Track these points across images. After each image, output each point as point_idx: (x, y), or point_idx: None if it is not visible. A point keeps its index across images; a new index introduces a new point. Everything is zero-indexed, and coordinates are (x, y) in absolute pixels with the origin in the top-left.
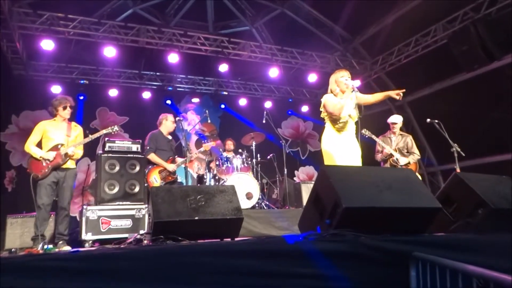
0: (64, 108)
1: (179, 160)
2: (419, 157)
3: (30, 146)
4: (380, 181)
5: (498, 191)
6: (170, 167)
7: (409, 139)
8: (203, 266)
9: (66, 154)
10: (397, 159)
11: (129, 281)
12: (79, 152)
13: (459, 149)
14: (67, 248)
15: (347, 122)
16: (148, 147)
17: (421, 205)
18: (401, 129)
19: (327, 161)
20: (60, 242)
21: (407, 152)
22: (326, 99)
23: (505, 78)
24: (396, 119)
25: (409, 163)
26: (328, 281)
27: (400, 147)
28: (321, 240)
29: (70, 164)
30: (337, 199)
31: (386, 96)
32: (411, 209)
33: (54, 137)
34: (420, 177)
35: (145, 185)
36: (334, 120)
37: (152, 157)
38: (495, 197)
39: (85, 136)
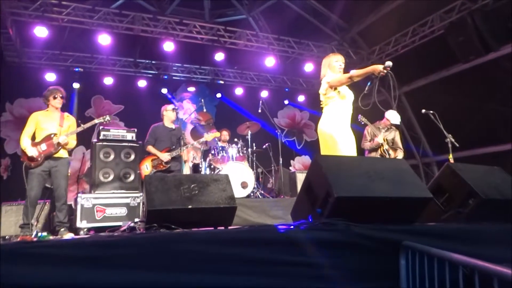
0: (54, 97)
1: (176, 150)
2: (403, 154)
3: (23, 139)
4: (372, 171)
5: (489, 182)
6: (163, 156)
7: (397, 134)
8: (195, 254)
9: (58, 143)
10: (386, 149)
11: (122, 268)
12: (72, 142)
13: (453, 140)
14: (70, 235)
15: (349, 105)
16: (146, 140)
17: (413, 195)
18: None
19: (329, 147)
20: (62, 229)
21: (392, 144)
22: (329, 77)
23: (501, 69)
24: (397, 120)
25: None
26: (319, 269)
27: (388, 139)
28: (312, 229)
29: (63, 153)
30: (329, 189)
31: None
32: (402, 198)
33: (47, 127)
34: None
35: (137, 172)
36: (339, 101)
37: (149, 149)
38: (486, 188)
39: (78, 126)
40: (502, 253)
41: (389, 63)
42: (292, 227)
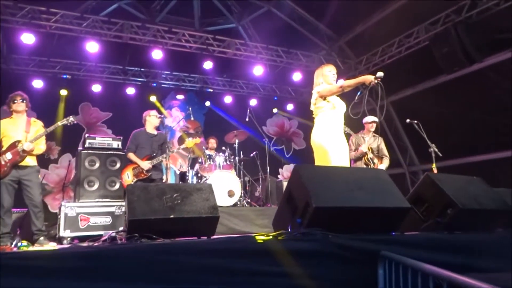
0: (14, 102)
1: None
2: (388, 162)
3: None
4: (352, 181)
5: (468, 192)
6: (144, 164)
7: (381, 140)
8: (174, 265)
9: (23, 151)
10: (371, 158)
11: (100, 280)
12: (40, 147)
13: (436, 150)
14: (52, 244)
15: (340, 115)
16: (127, 147)
17: (392, 205)
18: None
19: (320, 157)
20: (41, 238)
21: (377, 153)
22: (320, 87)
23: (487, 79)
24: (375, 118)
25: (386, 169)
26: (297, 279)
27: (373, 148)
28: (291, 239)
29: (31, 161)
30: (308, 199)
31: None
32: (381, 209)
33: (13, 135)
34: None
35: (119, 181)
36: (329, 111)
37: (130, 156)
38: (464, 198)
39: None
40: (480, 262)
41: (380, 74)
42: (271, 237)
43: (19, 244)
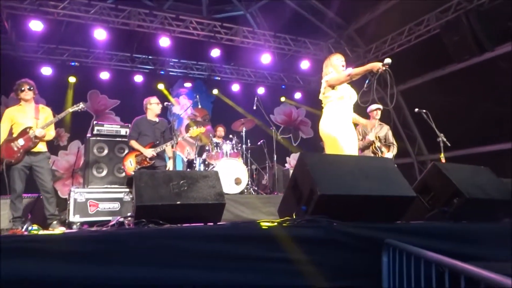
0: (22, 90)
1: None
2: (396, 150)
3: None
4: (357, 169)
5: (475, 181)
6: (147, 152)
7: (388, 129)
8: (179, 250)
9: (35, 137)
10: (378, 147)
11: (107, 263)
12: (50, 133)
13: (445, 139)
14: (62, 228)
15: (348, 103)
16: (130, 135)
17: (397, 194)
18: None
19: (331, 146)
20: (54, 222)
21: (385, 141)
22: (329, 77)
23: (496, 69)
24: (378, 105)
25: (394, 157)
26: (301, 266)
27: (380, 136)
28: (296, 226)
29: (42, 147)
30: (313, 186)
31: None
32: (386, 197)
33: (23, 122)
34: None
35: (121, 168)
36: (337, 100)
37: (133, 144)
38: (471, 187)
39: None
40: (485, 252)
41: (388, 61)
42: (275, 223)
43: (29, 228)
